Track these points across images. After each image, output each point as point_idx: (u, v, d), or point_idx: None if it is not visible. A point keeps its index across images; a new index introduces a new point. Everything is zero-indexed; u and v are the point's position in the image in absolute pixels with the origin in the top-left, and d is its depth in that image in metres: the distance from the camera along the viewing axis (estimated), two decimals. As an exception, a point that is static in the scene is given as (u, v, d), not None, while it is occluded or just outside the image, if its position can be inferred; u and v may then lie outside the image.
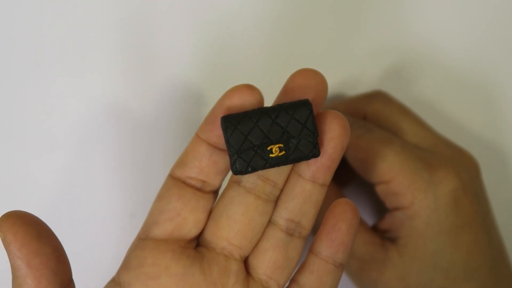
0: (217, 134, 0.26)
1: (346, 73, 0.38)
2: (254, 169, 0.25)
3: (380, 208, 0.36)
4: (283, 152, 0.26)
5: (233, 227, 0.26)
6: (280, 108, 0.25)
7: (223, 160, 0.26)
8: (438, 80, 0.38)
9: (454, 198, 0.32)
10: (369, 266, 0.33)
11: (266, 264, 0.27)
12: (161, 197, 0.27)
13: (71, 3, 0.35)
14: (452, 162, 0.33)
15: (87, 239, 0.34)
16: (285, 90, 0.27)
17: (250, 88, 0.26)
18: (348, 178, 0.37)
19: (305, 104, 0.25)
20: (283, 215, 0.27)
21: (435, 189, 0.31)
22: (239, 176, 0.27)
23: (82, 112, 0.35)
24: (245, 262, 0.27)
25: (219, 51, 0.36)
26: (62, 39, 0.34)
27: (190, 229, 0.26)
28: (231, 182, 0.27)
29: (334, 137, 0.26)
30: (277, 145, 0.25)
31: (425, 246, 0.32)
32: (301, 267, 0.27)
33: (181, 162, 0.27)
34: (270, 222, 0.27)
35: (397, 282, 0.32)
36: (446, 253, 0.32)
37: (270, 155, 0.25)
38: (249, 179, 0.27)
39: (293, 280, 0.27)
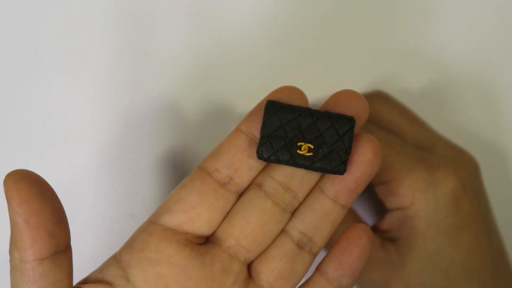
0: (258, 126, 0.26)
1: (346, 73, 0.38)
2: (278, 160, 0.25)
3: (380, 208, 0.36)
4: (311, 153, 0.25)
5: (245, 228, 0.26)
6: (324, 112, 0.26)
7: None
8: (438, 80, 0.38)
9: (454, 198, 0.32)
10: (369, 267, 0.33)
11: (270, 271, 0.26)
12: (182, 186, 0.27)
13: (71, 3, 0.35)
14: (452, 162, 0.33)
15: (86, 239, 0.34)
16: (326, 107, 0.27)
17: (298, 90, 0.26)
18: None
19: (349, 119, 0.25)
20: (297, 227, 0.27)
21: (435, 189, 0.31)
22: (261, 179, 0.27)
23: (82, 112, 0.35)
24: (250, 267, 0.27)
25: (222, 51, 0.36)
26: (61, 39, 0.34)
27: (201, 226, 0.26)
28: (252, 184, 0.27)
29: (365, 161, 0.26)
30: (308, 144, 0.25)
31: (425, 246, 0.31)
32: (305, 283, 0.27)
33: (214, 153, 0.27)
34: (282, 231, 0.27)
35: (397, 282, 0.32)
36: (446, 253, 0.32)
37: (298, 151, 0.25)
38: (271, 184, 0.26)
39: None
